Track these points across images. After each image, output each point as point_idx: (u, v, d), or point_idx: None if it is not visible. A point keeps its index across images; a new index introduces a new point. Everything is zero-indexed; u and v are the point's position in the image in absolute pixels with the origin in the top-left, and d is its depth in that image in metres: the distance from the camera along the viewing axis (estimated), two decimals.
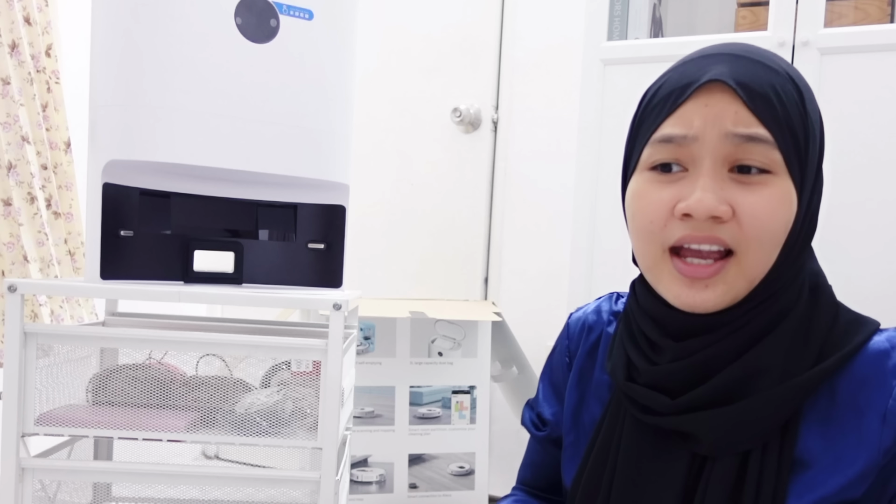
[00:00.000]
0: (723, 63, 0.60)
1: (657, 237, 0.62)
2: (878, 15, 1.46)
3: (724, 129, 0.58)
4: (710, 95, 0.59)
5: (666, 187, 0.61)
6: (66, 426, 0.86)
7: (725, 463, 0.60)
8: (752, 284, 0.61)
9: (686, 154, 0.60)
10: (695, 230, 0.59)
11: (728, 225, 0.58)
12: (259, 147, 0.91)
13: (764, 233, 0.58)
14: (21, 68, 1.43)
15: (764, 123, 0.58)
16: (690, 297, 0.60)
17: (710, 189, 0.58)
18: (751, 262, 0.59)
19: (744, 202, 0.58)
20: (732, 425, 0.60)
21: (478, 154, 2.01)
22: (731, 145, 0.58)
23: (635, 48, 1.53)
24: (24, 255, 1.44)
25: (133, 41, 0.86)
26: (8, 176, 1.42)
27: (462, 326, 1.66)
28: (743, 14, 1.58)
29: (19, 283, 0.84)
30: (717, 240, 0.59)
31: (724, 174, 0.59)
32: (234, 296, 0.88)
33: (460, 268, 2.03)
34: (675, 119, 0.60)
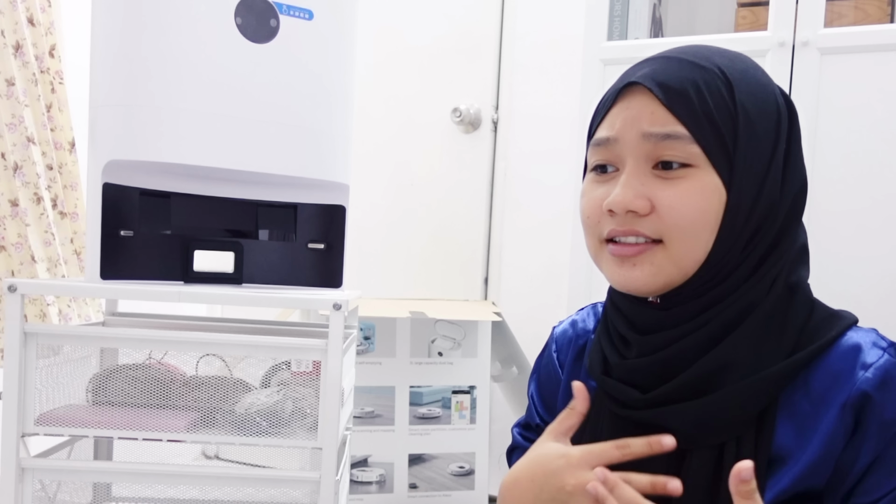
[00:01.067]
0: (649, 66, 0.64)
1: (594, 230, 0.67)
2: (878, 15, 1.46)
3: (640, 129, 0.62)
4: (632, 98, 0.63)
5: (600, 186, 0.66)
6: (66, 426, 0.86)
7: (702, 455, 0.62)
8: (683, 272, 0.63)
9: (614, 155, 0.65)
10: (618, 224, 0.64)
11: (649, 218, 0.62)
12: (259, 147, 0.91)
13: (683, 222, 0.61)
14: (25, 69, 1.43)
15: (680, 119, 0.61)
16: (622, 276, 0.65)
17: (629, 186, 0.62)
18: (678, 249, 0.62)
19: (662, 195, 0.61)
20: (703, 418, 0.62)
21: (478, 154, 2.01)
22: (650, 144, 0.62)
23: (635, 48, 1.53)
24: (31, 255, 1.44)
25: (133, 41, 0.86)
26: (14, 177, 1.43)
27: (462, 326, 1.66)
28: (743, 14, 1.58)
29: (19, 283, 0.84)
30: (638, 233, 0.63)
31: (646, 171, 0.63)
32: (234, 296, 0.88)
33: (460, 268, 2.03)
34: (605, 123, 0.66)
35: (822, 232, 1.32)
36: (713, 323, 0.62)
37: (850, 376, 0.60)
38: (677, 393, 0.63)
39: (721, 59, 0.64)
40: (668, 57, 0.65)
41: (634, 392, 0.65)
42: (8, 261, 1.44)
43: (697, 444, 0.62)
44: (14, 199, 1.44)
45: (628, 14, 1.64)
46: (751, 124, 0.62)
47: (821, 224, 1.32)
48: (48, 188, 1.48)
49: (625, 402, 0.66)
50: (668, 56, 0.65)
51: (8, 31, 1.41)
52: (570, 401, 0.76)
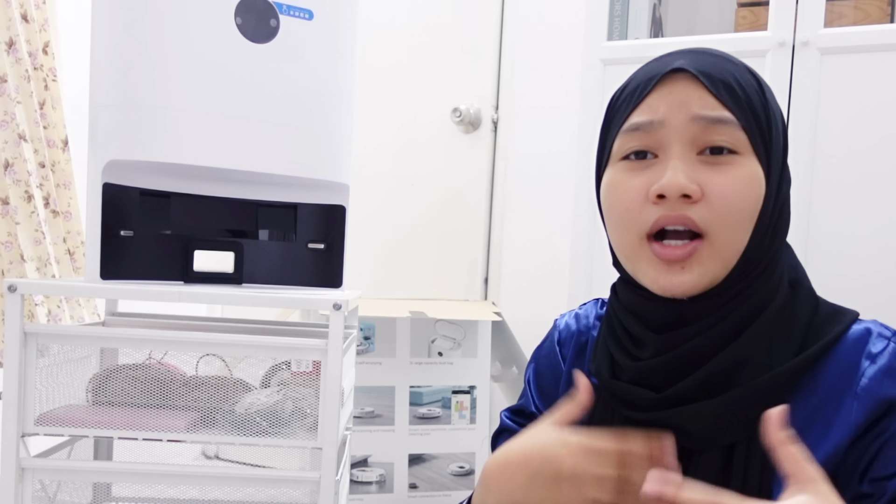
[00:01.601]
0: (684, 57, 0.64)
1: (634, 224, 0.63)
2: (878, 15, 1.46)
3: (689, 112, 0.61)
4: (675, 84, 0.62)
5: (638, 174, 0.63)
6: (66, 426, 0.86)
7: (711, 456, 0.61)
8: (727, 266, 0.62)
9: (655, 140, 0.62)
10: (669, 210, 0.61)
11: (698, 205, 0.60)
12: (259, 147, 0.91)
13: (733, 211, 0.60)
14: (18, 66, 1.42)
15: (727, 106, 0.61)
16: (668, 280, 0.62)
17: (680, 169, 0.60)
18: (723, 242, 0.61)
19: (713, 182, 0.60)
20: (717, 418, 0.61)
21: (478, 154, 2.01)
22: (698, 128, 0.61)
23: (635, 48, 1.53)
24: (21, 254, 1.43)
25: (133, 41, 0.86)
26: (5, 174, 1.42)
27: (462, 326, 1.66)
28: (743, 14, 1.58)
29: (19, 283, 0.84)
30: (689, 220, 0.60)
31: (692, 157, 0.61)
32: (234, 296, 0.88)
33: (460, 268, 2.03)
34: (642, 108, 0.63)
35: (823, 232, 1.32)
36: (730, 318, 0.62)
37: (857, 368, 0.60)
38: (692, 391, 0.62)
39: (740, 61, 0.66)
40: (696, 51, 0.65)
41: (648, 393, 0.64)
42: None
43: (709, 445, 0.61)
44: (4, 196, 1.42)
45: (628, 14, 1.64)
46: (776, 123, 0.64)
47: (821, 224, 1.32)
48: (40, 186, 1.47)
49: (636, 403, 0.65)
50: (696, 51, 0.65)
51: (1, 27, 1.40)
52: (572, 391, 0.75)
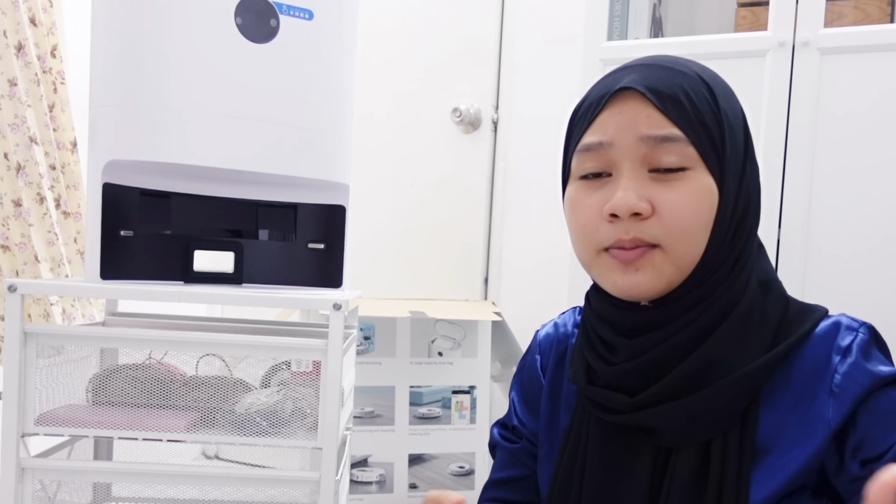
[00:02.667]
0: (634, 72, 0.65)
1: (591, 240, 0.66)
2: (878, 15, 1.46)
3: (637, 132, 0.63)
4: (624, 103, 0.64)
5: (594, 192, 0.66)
6: (66, 426, 0.86)
7: (689, 453, 0.63)
8: (682, 271, 0.64)
9: (607, 160, 0.65)
10: (623, 233, 0.63)
11: (650, 221, 0.62)
12: (259, 147, 0.91)
13: (684, 225, 0.62)
14: (27, 69, 1.43)
15: (675, 122, 0.62)
16: (625, 281, 0.64)
17: (630, 188, 0.62)
18: (676, 252, 0.63)
19: (663, 198, 0.62)
20: (690, 416, 0.63)
21: (478, 154, 2.01)
22: (647, 147, 0.62)
23: (635, 48, 1.53)
24: (35, 255, 1.44)
25: (133, 41, 0.86)
26: (17, 177, 1.43)
27: (462, 326, 1.66)
28: (743, 14, 1.58)
29: (19, 283, 0.84)
30: (640, 240, 0.63)
31: (643, 174, 0.63)
32: (234, 296, 0.88)
33: (460, 268, 2.03)
34: (594, 128, 0.66)
35: (823, 233, 1.32)
36: (698, 322, 0.64)
37: (828, 362, 0.62)
38: (665, 393, 0.64)
39: (694, 65, 0.67)
40: (648, 65, 0.66)
41: (622, 397, 0.66)
42: (12, 261, 1.44)
43: (685, 443, 0.63)
44: (17, 199, 1.44)
45: (628, 14, 1.64)
46: (730, 126, 0.64)
47: (821, 225, 1.32)
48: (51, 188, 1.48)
49: (612, 407, 0.67)
50: (648, 64, 0.66)
51: (10, 31, 1.41)
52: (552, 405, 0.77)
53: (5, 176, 1.43)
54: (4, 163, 1.42)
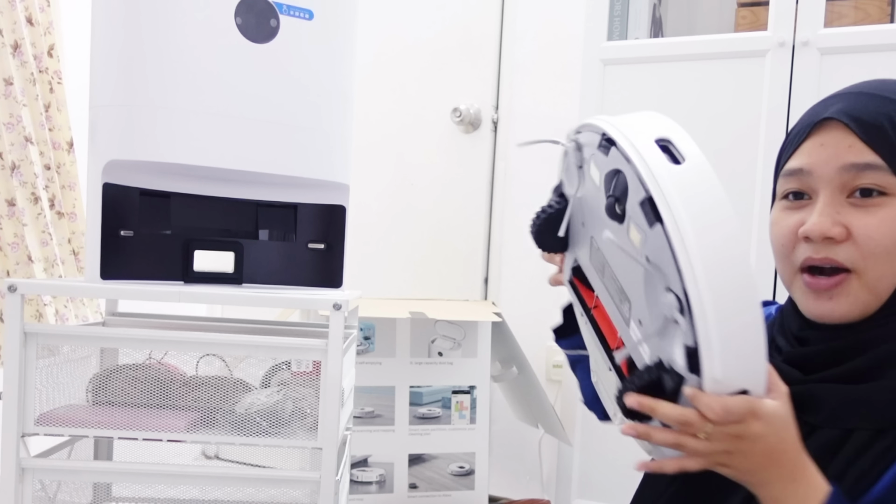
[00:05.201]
0: (841, 101, 0.67)
1: (788, 258, 0.69)
2: (878, 15, 1.46)
3: (838, 162, 0.65)
4: (827, 133, 0.66)
5: (793, 214, 0.69)
6: (66, 426, 0.86)
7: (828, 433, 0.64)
8: (879, 297, 0.65)
9: (807, 185, 0.67)
10: (814, 252, 0.66)
11: (844, 246, 0.64)
12: (259, 147, 0.91)
13: (880, 249, 0.63)
14: (23, 69, 1.43)
15: (877, 151, 0.63)
16: (818, 308, 0.67)
17: (825, 214, 0.65)
18: (871, 277, 0.64)
19: (858, 223, 0.64)
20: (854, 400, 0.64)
21: (478, 154, 2.01)
22: (848, 175, 0.64)
23: (635, 48, 1.53)
24: (28, 255, 1.44)
25: (133, 41, 0.86)
26: (12, 176, 1.43)
27: (462, 326, 1.66)
28: (743, 14, 1.58)
29: (19, 283, 0.84)
30: (833, 261, 0.65)
31: (841, 200, 0.65)
32: (234, 296, 0.88)
33: (460, 268, 2.03)
34: (798, 155, 0.68)
35: None
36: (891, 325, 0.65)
37: None
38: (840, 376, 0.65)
39: None
40: (858, 92, 0.67)
41: (794, 371, 0.68)
42: (4, 261, 1.44)
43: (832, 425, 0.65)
44: (11, 198, 1.43)
45: (628, 14, 1.64)
46: None
47: None
48: (46, 188, 1.48)
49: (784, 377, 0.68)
50: (858, 91, 0.68)
51: (6, 30, 1.41)
52: None
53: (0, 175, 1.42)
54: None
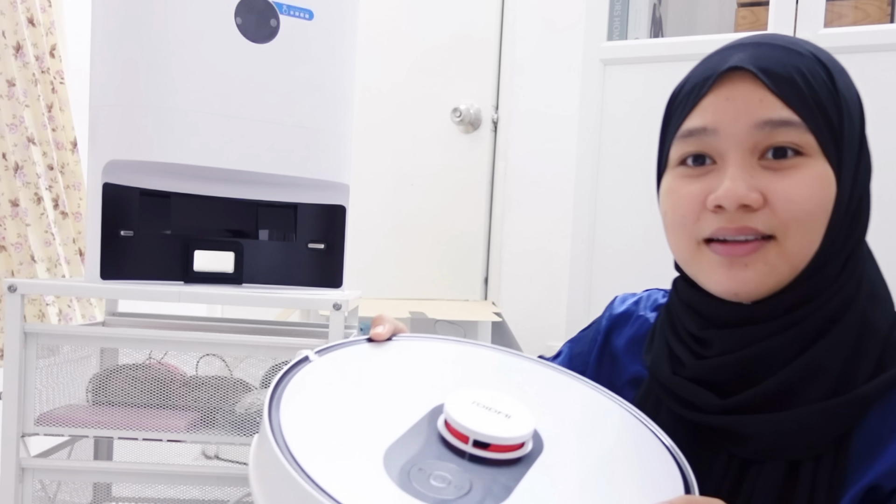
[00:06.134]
0: (744, 50, 0.58)
1: (690, 231, 0.60)
2: (877, 15, 1.46)
3: (749, 119, 0.56)
4: (733, 86, 0.57)
5: (696, 181, 0.59)
6: (66, 426, 0.86)
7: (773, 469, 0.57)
8: (794, 269, 0.58)
9: (712, 146, 0.58)
10: (727, 222, 0.57)
11: (761, 213, 0.56)
12: (259, 147, 0.91)
13: (801, 215, 0.56)
14: (26, 69, 1.43)
15: (791, 106, 0.56)
16: (731, 279, 0.58)
17: (739, 178, 0.56)
18: (791, 245, 0.57)
19: (776, 188, 0.56)
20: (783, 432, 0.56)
21: (478, 154, 2.01)
22: (760, 134, 0.56)
23: (635, 48, 1.53)
24: (31, 255, 1.45)
25: (133, 41, 0.86)
26: (15, 177, 1.43)
27: (462, 326, 1.65)
28: (743, 14, 1.58)
29: (19, 283, 0.84)
30: (751, 230, 0.57)
31: (753, 162, 0.57)
32: (234, 296, 0.88)
33: (460, 268, 2.03)
34: (698, 112, 0.59)
35: None
36: (805, 323, 0.58)
37: None
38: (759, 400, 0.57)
39: (809, 45, 0.60)
40: (758, 43, 0.59)
41: (711, 396, 0.59)
42: (8, 261, 1.44)
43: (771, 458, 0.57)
44: (14, 199, 1.44)
45: (628, 14, 1.64)
46: (849, 113, 0.59)
47: None
48: (49, 188, 1.48)
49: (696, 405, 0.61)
50: (758, 42, 0.59)
51: (8, 31, 1.41)
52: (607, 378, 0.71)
53: (3, 176, 1.43)
54: (2, 163, 1.42)
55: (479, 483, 0.47)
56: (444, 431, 0.51)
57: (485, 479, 0.48)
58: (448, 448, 0.50)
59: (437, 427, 0.52)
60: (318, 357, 0.61)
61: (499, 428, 0.50)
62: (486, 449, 0.50)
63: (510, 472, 0.49)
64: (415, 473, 0.47)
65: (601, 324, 0.77)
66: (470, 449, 0.50)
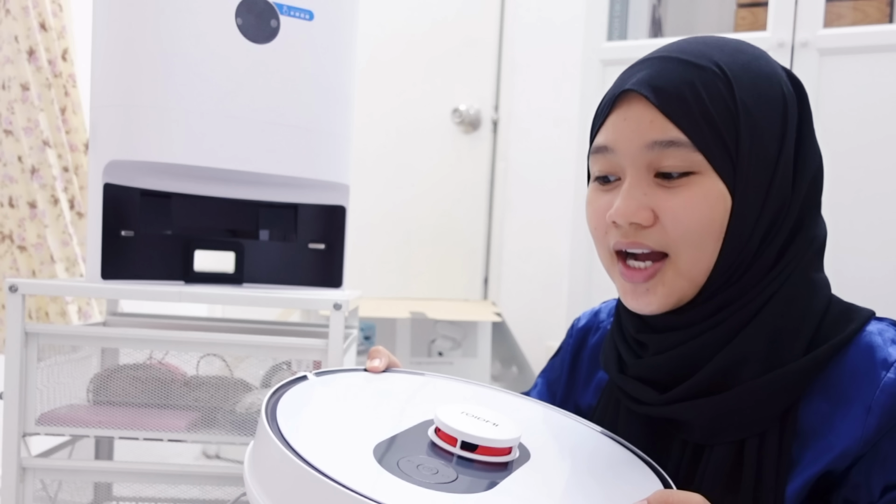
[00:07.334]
0: (645, 68, 0.62)
1: (602, 241, 0.66)
2: (877, 15, 1.46)
3: (641, 139, 0.60)
4: (629, 107, 0.61)
5: (604, 195, 0.64)
6: (67, 426, 0.87)
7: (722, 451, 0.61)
8: (694, 283, 0.62)
9: (614, 165, 0.63)
10: (623, 236, 0.62)
11: (653, 229, 0.61)
12: (259, 147, 0.92)
13: (689, 233, 0.59)
14: (39, 74, 1.46)
15: (679, 126, 0.59)
16: (636, 302, 0.64)
17: (631, 196, 0.60)
18: (685, 262, 0.61)
19: (665, 206, 0.60)
20: (719, 414, 0.60)
21: (478, 154, 2.02)
22: (652, 153, 0.60)
23: (635, 48, 1.53)
24: (50, 255, 1.47)
25: (134, 42, 0.87)
26: (32, 179, 1.45)
27: (462, 326, 1.66)
28: (742, 14, 1.58)
29: (20, 283, 0.84)
30: (643, 245, 0.61)
31: (649, 180, 0.61)
32: (235, 296, 0.88)
33: (460, 268, 2.03)
34: (603, 131, 0.64)
35: None
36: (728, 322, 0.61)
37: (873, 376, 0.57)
38: (695, 391, 0.61)
39: (720, 54, 0.61)
40: (663, 57, 0.62)
41: (651, 392, 0.64)
42: (29, 261, 1.47)
43: (717, 440, 0.61)
44: (32, 200, 1.47)
45: (628, 14, 1.64)
46: (753, 122, 0.60)
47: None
48: (65, 189, 1.50)
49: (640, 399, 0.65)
50: (664, 56, 0.62)
51: (21, 36, 1.43)
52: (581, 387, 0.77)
53: (20, 178, 1.45)
54: (19, 165, 1.45)
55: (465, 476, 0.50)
56: (434, 436, 0.54)
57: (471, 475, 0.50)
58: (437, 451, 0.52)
59: (427, 434, 0.54)
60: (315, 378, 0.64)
61: (487, 432, 0.52)
62: (474, 451, 0.52)
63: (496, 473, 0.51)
64: (403, 463, 0.49)
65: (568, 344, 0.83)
66: (458, 451, 0.51)
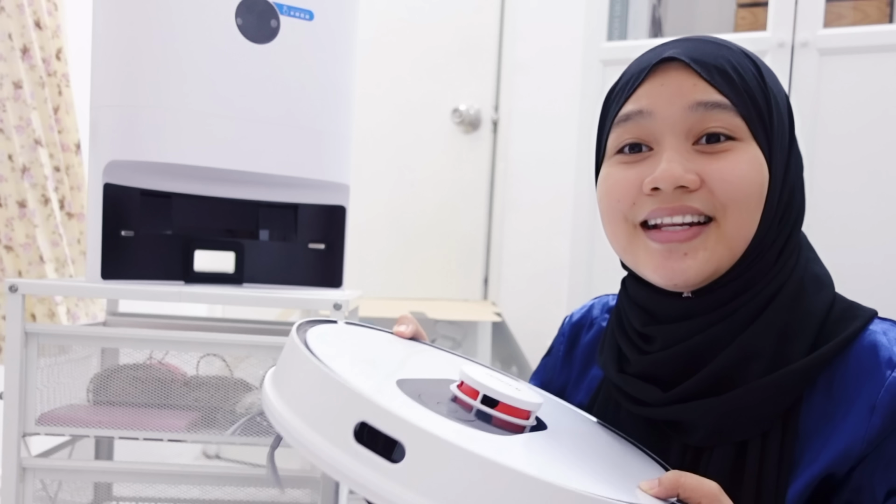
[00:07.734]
0: (677, 46, 0.61)
1: (625, 217, 0.61)
2: (877, 15, 1.46)
3: (683, 102, 0.58)
4: (667, 75, 0.59)
5: (632, 167, 0.61)
6: (67, 426, 0.87)
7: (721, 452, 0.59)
8: (733, 253, 0.59)
9: (648, 132, 0.60)
10: (664, 202, 0.58)
11: (698, 193, 0.58)
12: (260, 147, 0.92)
13: (738, 195, 0.57)
14: (32, 72, 1.45)
15: (722, 92, 0.58)
16: (670, 268, 0.59)
17: (675, 160, 0.57)
18: (731, 226, 0.58)
19: (711, 169, 0.57)
20: (724, 414, 0.58)
21: (478, 154, 2.02)
22: (694, 117, 0.58)
23: (635, 48, 1.53)
24: (40, 255, 1.46)
25: (134, 42, 0.87)
26: (22, 178, 1.44)
27: (462, 326, 1.66)
28: (742, 14, 1.58)
29: (20, 283, 0.84)
30: (689, 209, 0.58)
31: (688, 147, 0.58)
32: (235, 296, 0.88)
33: (460, 268, 2.03)
34: (634, 99, 0.61)
35: (821, 232, 1.32)
36: (741, 311, 0.59)
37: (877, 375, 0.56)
38: (700, 388, 0.59)
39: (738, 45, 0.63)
40: (691, 39, 0.62)
41: (655, 390, 0.61)
42: (16, 261, 1.46)
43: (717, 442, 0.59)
44: (22, 200, 1.45)
45: (628, 14, 1.64)
46: (778, 107, 0.61)
47: (820, 224, 1.32)
48: (55, 189, 1.49)
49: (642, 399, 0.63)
50: (690, 39, 0.62)
51: (15, 34, 1.42)
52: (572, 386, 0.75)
53: (10, 177, 1.44)
54: (10, 164, 1.43)
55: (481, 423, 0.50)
56: (456, 390, 0.53)
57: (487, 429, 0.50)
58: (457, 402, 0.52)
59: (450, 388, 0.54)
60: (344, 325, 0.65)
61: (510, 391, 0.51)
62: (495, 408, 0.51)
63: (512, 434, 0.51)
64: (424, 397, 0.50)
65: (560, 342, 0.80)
66: (478, 405, 0.51)
